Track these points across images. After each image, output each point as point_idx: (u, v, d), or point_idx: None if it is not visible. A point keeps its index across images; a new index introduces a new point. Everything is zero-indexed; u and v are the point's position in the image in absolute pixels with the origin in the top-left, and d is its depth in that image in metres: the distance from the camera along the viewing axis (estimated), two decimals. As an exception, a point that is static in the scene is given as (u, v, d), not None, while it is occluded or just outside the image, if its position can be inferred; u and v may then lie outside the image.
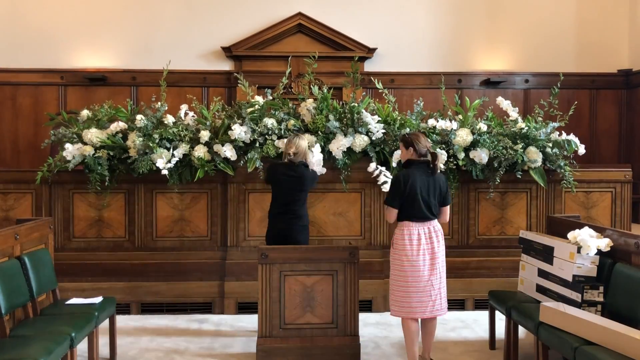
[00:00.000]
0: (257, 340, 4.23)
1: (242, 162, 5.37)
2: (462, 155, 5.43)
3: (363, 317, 5.11)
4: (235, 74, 6.41)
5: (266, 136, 5.38)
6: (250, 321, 5.17)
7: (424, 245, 3.93)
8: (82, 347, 3.99)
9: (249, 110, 5.45)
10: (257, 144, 5.36)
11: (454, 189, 5.57)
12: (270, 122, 5.37)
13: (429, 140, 4.27)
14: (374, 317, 5.35)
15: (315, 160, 5.15)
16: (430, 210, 3.97)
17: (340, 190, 5.56)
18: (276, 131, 5.38)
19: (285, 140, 4.96)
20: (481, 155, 5.42)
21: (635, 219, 8.10)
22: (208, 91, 9.20)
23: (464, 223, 5.72)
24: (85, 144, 5.42)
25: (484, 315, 5.07)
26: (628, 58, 9.66)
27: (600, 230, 4.07)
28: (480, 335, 4.88)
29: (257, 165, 5.30)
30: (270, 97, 5.61)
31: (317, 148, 5.18)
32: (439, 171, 4.05)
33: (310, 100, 5.54)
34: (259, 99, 5.57)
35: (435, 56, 9.48)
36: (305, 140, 4.57)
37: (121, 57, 9.26)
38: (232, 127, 5.28)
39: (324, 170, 5.22)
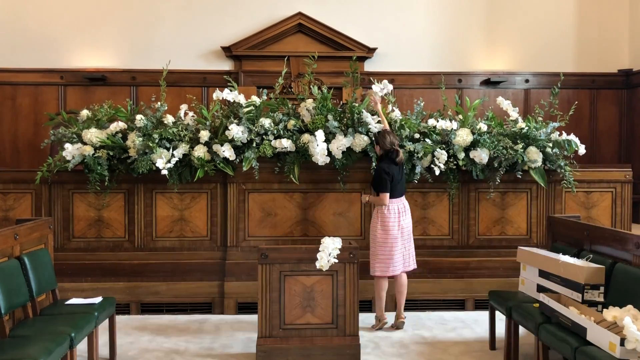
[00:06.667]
0: (257, 341, 4.23)
1: (238, 161, 5.37)
2: (462, 155, 5.43)
3: (363, 317, 5.11)
4: (225, 75, 6.40)
5: (263, 136, 5.38)
6: (250, 321, 5.17)
7: (399, 217, 4.94)
8: (81, 347, 3.99)
9: (246, 110, 5.45)
10: (254, 144, 5.36)
11: (454, 189, 5.58)
12: (267, 122, 5.37)
13: (395, 136, 5.04)
14: (374, 317, 5.34)
15: (319, 150, 5.17)
16: (401, 190, 5.02)
17: (340, 190, 5.56)
18: (274, 131, 5.38)
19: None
20: (481, 155, 5.42)
21: (636, 219, 8.09)
22: (208, 91, 9.20)
23: (464, 223, 5.72)
24: (85, 144, 5.41)
25: (484, 315, 5.07)
26: (628, 58, 9.66)
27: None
28: (480, 335, 4.87)
29: (252, 165, 5.30)
30: (266, 97, 5.60)
31: (320, 136, 5.18)
32: (402, 162, 5.02)
33: (310, 100, 5.54)
34: (256, 99, 5.57)
35: (435, 56, 9.48)
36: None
37: (121, 57, 9.26)
38: (229, 127, 5.28)
39: (328, 160, 5.24)
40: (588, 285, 3.73)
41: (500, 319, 4.45)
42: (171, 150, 5.33)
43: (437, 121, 5.58)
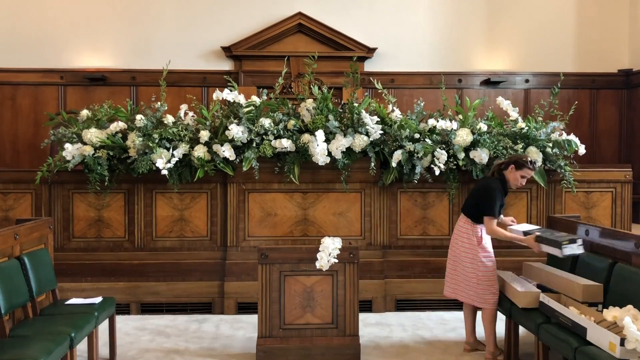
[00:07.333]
0: (257, 341, 4.23)
1: (238, 161, 5.37)
2: (462, 155, 5.43)
3: (363, 317, 5.11)
4: (225, 75, 6.40)
5: (263, 136, 5.38)
6: (250, 321, 5.17)
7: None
8: (81, 347, 3.99)
9: (246, 110, 5.45)
10: (254, 144, 5.36)
11: (454, 189, 5.58)
12: (267, 122, 5.37)
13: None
14: (374, 317, 5.35)
15: (319, 150, 5.17)
16: None
17: (341, 190, 5.56)
18: (274, 131, 5.38)
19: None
20: (481, 155, 5.42)
21: (636, 219, 8.09)
22: (208, 91, 9.20)
23: (464, 223, 5.71)
24: (85, 144, 5.41)
25: (484, 315, 5.07)
26: (628, 58, 9.66)
27: None
28: (480, 336, 4.86)
29: (252, 165, 5.30)
30: (266, 97, 5.60)
31: (320, 136, 5.18)
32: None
33: (310, 100, 5.54)
34: (256, 99, 5.57)
35: (435, 56, 9.48)
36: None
37: (121, 57, 9.25)
38: (229, 127, 5.28)
39: (328, 160, 5.24)
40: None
41: (500, 319, 4.45)
42: (171, 150, 5.33)
43: (437, 121, 5.58)
